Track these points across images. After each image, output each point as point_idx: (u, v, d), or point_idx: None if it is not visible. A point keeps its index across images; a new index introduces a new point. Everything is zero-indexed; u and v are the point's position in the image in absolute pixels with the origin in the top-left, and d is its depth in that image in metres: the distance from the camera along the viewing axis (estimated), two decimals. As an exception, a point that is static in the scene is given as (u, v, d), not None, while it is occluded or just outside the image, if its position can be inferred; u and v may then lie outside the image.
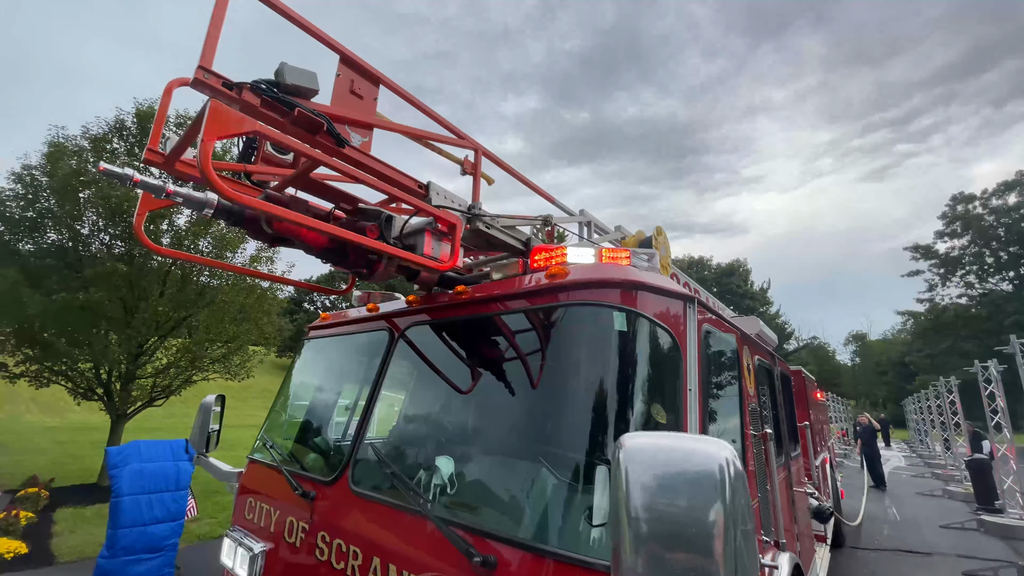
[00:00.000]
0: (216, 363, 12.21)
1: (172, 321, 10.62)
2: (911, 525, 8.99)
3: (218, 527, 7.19)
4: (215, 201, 1.77)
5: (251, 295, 13.68)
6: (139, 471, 4.96)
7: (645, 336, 1.82)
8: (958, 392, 14.32)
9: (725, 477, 0.95)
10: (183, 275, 11.02)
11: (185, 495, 5.28)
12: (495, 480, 1.84)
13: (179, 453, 5.36)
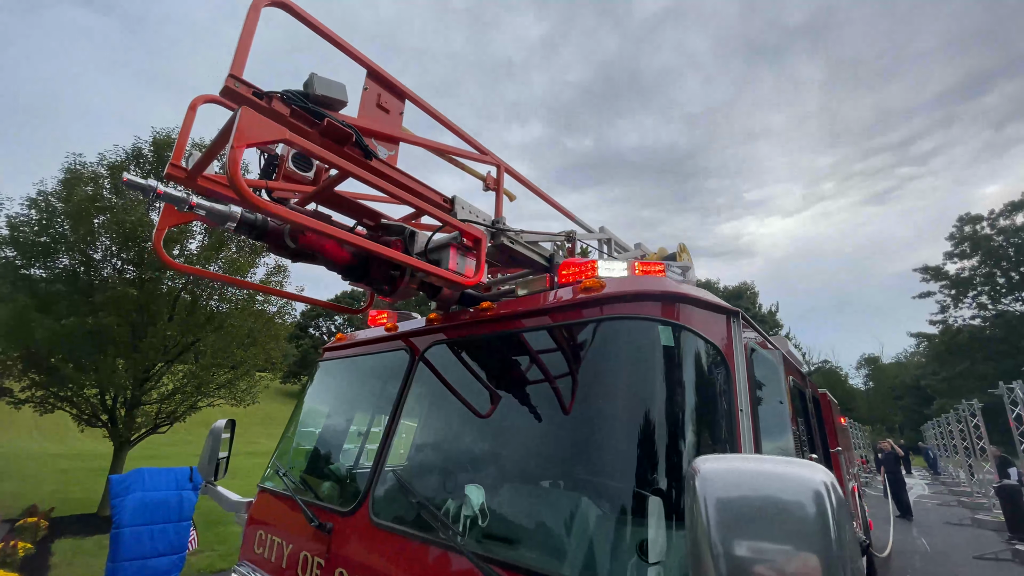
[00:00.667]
0: (222, 388, 12.09)
1: (180, 346, 10.57)
2: (942, 556, 8.53)
3: (219, 560, 6.93)
4: (238, 214, 1.72)
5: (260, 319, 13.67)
6: (142, 501, 4.81)
7: (692, 352, 1.69)
8: (981, 415, 13.86)
9: (827, 506, 0.81)
10: (193, 299, 11.03)
11: (188, 526, 5.10)
12: (532, 512, 1.69)
13: (183, 482, 5.20)
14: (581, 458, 1.69)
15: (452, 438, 2.20)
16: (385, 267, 2.11)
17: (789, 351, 3.65)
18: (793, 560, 0.80)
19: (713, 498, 0.89)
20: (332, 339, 3.14)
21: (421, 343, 2.40)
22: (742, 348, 1.89)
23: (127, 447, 10.08)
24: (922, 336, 42.59)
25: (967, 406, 14.75)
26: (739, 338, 1.89)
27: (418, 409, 2.32)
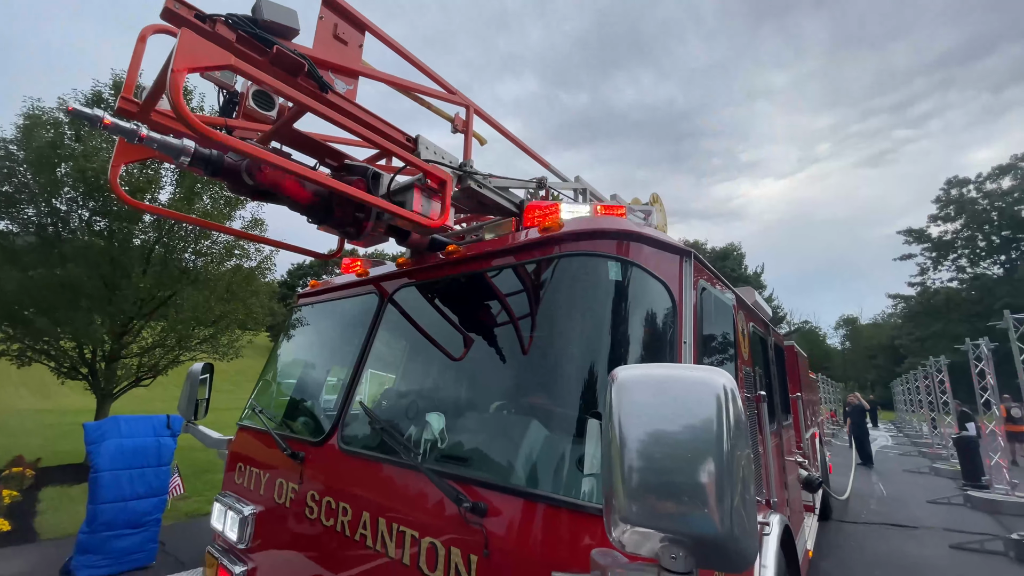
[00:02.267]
0: (204, 343, 12.11)
1: (156, 300, 10.47)
2: (898, 501, 9.24)
3: (206, 505, 7.20)
4: (192, 148, 1.69)
5: (237, 273, 13.51)
6: (119, 447, 4.93)
7: (640, 287, 1.80)
8: (947, 372, 14.60)
9: (724, 403, 0.90)
10: (166, 251, 10.82)
11: (167, 471, 5.26)
12: (486, 433, 1.83)
13: (160, 429, 5.33)
14: (530, 386, 1.84)
15: (417, 373, 2.35)
16: (349, 208, 2.11)
17: (756, 301, 3.82)
18: (691, 449, 0.89)
19: (625, 400, 0.97)
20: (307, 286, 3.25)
21: (390, 286, 2.51)
22: (691, 287, 1.98)
23: (109, 400, 10.17)
24: (899, 297, 44.02)
25: (934, 363, 15.49)
26: (689, 277, 1.99)
27: (386, 348, 2.42)
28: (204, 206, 11.01)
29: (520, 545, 1.38)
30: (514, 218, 2.53)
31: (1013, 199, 35.72)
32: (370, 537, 1.79)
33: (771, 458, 2.90)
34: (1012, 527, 6.78)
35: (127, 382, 10.41)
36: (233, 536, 2.46)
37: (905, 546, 6.34)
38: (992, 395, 8.81)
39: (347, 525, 1.90)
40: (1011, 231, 35.96)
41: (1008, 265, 36.73)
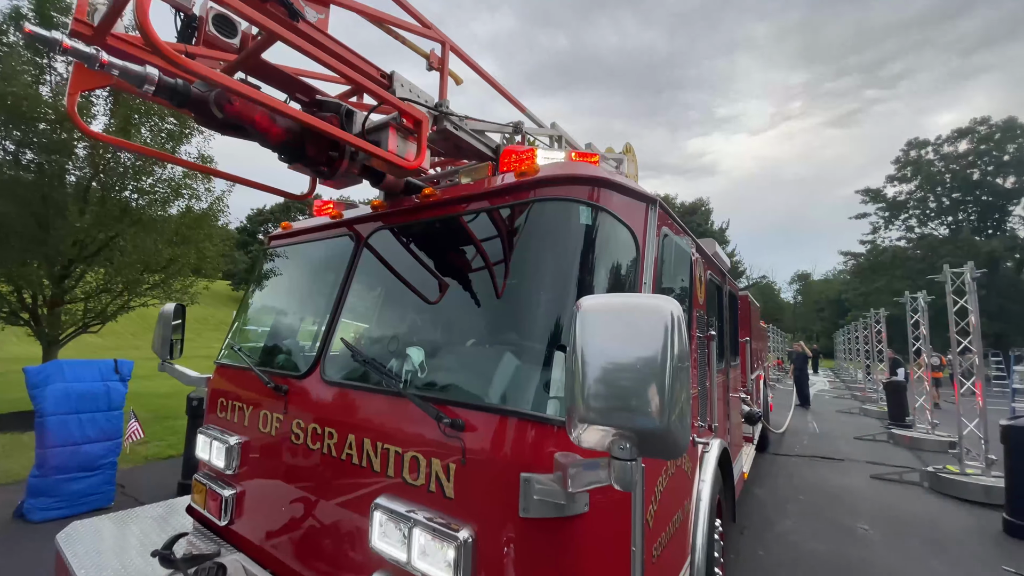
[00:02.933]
0: (154, 288, 11.64)
1: (97, 242, 9.88)
2: (829, 437, 10.39)
3: (168, 449, 7.29)
4: (156, 76, 1.63)
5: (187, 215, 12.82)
6: (64, 391, 4.90)
7: (608, 232, 1.95)
8: (885, 323, 15.99)
9: (671, 326, 1.09)
10: (103, 188, 10.09)
11: (119, 415, 5.28)
12: (463, 364, 2.02)
13: (108, 373, 5.29)
14: (503, 322, 2.01)
15: (395, 313, 2.46)
16: (323, 147, 2.08)
17: (715, 252, 4.15)
18: (639, 364, 1.09)
19: (588, 323, 1.15)
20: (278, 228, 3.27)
21: (365, 229, 2.56)
22: (655, 232, 2.17)
23: (56, 347, 9.79)
24: (850, 255, 46.57)
25: (874, 315, 16.87)
26: (653, 224, 2.17)
27: (363, 288, 2.52)
28: (143, 139, 10.22)
29: (494, 452, 1.59)
30: (490, 163, 2.55)
31: (967, 162, 37.55)
32: (356, 456, 1.98)
33: (716, 391, 3.24)
34: (929, 461, 7.80)
35: (73, 328, 9.98)
36: (220, 464, 2.63)
37: (831, 476, 7.24)
38: (923, 345, 9.79)
39: (333, 447, 2.07)
40: (961, 193, 38.09)
41: (954, 227, 39.22)
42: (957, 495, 6.26)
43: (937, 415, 10.00)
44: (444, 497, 1.65)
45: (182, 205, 12.45)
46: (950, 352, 7.62)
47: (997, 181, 36.35)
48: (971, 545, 4.71)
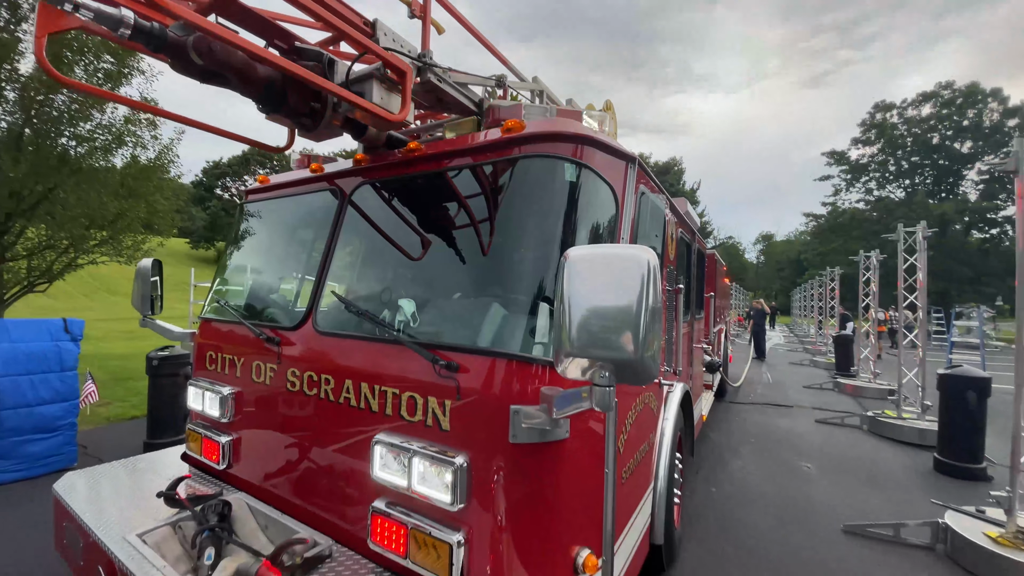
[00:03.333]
0: (103, 245, 11.05)
1: (35, 194, 9.21)
2: (780, 386, 11.25)
3: (131, 410, 7.22)
4: (131, 19, 1.56)
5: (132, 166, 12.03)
6: (11, 352, 4.79)
7: (590, 189, 2.06)
8: (839, 281, 17.01)
9: (647, 272, 1.27)
10: (37, 135, 9.31)
11: (74, 376, 5.21)
12: (452, 313, 2.16)
13: (57, 333, 5.17)
14: (491, 273, 2.14)
15: (382, 266, 2.54)
16: (305, 97, 2.05)
17: (687, 211, 4.38)
18: (619, 304, 1.27)
19: (575, 269, 1.32)
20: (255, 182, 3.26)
21: (349, 183, 2.59)
22: (633, 189, 2.32)
23: (1, 307, 9.28)
24: (812, 216, 48.42)
25: (830, 273, 17.89)
26: (632, 182, 2.31)
27: (350, 243, 2.58)
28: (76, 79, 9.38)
29: (486, 389, 1.76)
30: (475, 118, 2.59)
31: (928, 126, 38.97)
32: (354, 399, 2.13)
33: (681, 340, 3.53)
34: (869, 407, 8.58)
35: (18, 288, 9.45)
36: (215, 413, 2.76)
37: (780, 421, 7.92)
38: (872, 301, 10.53)
39: (330, 392, 2.21)
40: (919, 157, 39.76)
41: (910, 190, 41.13)
42: (893, 437, 6.98)
43: (879, 365, 10.94)
44: (440, 430, 1.84)
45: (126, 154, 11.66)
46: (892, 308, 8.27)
47: (955, 146, 38.02)
48: (904, 481, 5.33)
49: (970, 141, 37.24)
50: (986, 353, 15.35)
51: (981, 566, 3.39)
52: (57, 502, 2.53)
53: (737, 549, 3.73)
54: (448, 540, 1.71)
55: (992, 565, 3.32)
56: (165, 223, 14.27)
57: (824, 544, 3.84)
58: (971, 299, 30.95)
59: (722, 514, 4.32)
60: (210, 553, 2.07)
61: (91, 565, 2.20)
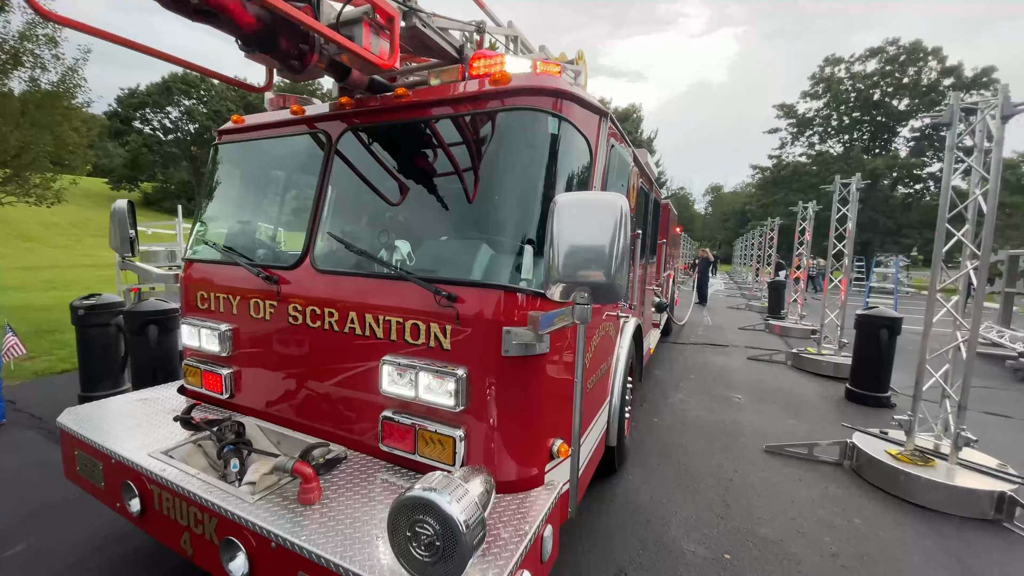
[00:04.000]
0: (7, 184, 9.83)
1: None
2: (718, 328, 12.16)
3: (60, 363, 6.85)
4: None
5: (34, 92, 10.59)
6: None
7: (568, 140, 2.28)
8: (778, 231, 18.03)
9: (620, 215, 1.61)
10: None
11: None
12: (445, 252, 2.42)
13: None
14: (480, 217, 2.37)
15: (375, 210, 2.69)
16: (295, 39, 2.04)
17: (647, 162, 4.71)
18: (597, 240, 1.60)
19: (563, 212, 1.65)
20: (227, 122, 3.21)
21: (335, 127, 2.65)
22: (605, 142, 2.59)
23: None
24: (758, 168, 50.17)
25: (770, 223, 18.91)
26: (604, 134, 2.57)
27: (339, 185, 2.67)
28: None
29: (481, 314, 2.06)
30: (459, 66, 2.67)
31: (871, 83, 40.34)
32: (359, 328, 2.36)
33: (636, 281, 3.97)
34: (794, 345, 9.56)
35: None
36: (215, 348, 2.91)
37: (716, 358, 8.62)
38: (805, 249, 11.29)
39: (335, 324, 2.43)
40: (860, 113, 41.44)
41: (847, 145, 43.19)
42: (813, 371, 7.84)
43: (805, 308, 11.94)
44: (442, 350, 2.15)
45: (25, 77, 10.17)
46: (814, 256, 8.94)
47: (893, 103, 39.87)
48: (819, 408, 6.07)
49: (907, 99, 39.09)
50: (899, 297, 17.04)
51: (880, 478, 3.98)
52: (66, 434, 2.63)
53: (675, 469, 4.17)
54: (452, 435, 2.08)
55: (890, 477, 3.92)
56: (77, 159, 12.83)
57: (748, 462, 4.34)
58: (891, 249, 33.91)
59: (663, 440, 4.75)
60: (235, 463, 2.25)
61: (114, 485, 2.36)
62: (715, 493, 3.77)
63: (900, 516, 3.53)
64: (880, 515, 3.54)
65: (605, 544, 3.05)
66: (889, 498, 3.77)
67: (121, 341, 5.28)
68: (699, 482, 3.95)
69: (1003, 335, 9.67)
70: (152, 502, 2.18)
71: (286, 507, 1.91)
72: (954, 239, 4.01)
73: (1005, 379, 7.96)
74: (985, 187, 3.73)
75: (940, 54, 37.39)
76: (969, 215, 3.90)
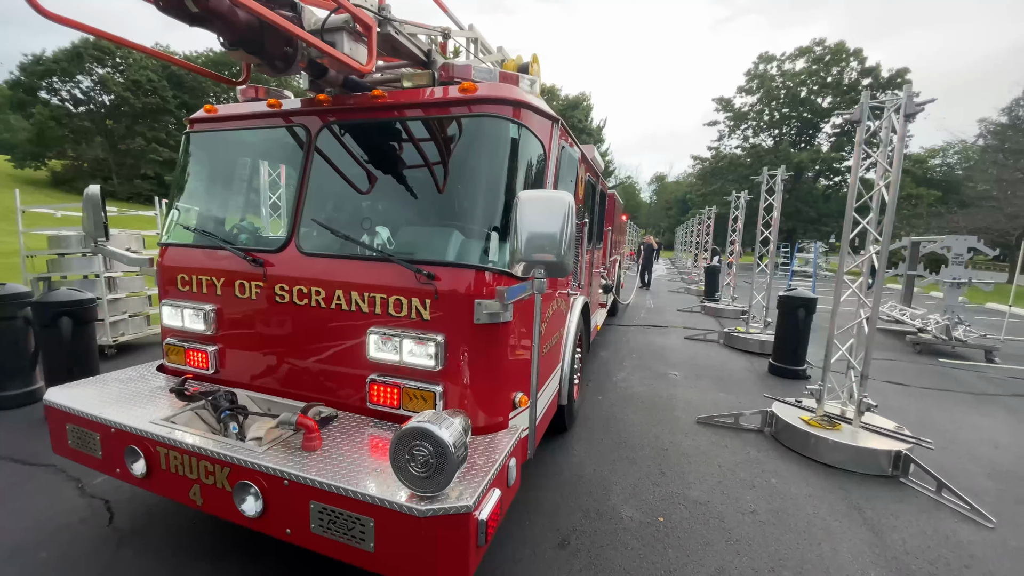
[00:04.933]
0: None
1: None
2: (659, 310, 12.77)
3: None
4: None
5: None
6: None
7: (526, 143, 2.65)
8: (715, 219, 19.03)
9: (568, 208, 2.02)
10: None
11: None
12: (422, 238, 2.73)
13: None
14: (453, 207, 2.72)
15: (354, 200, 2.93)
16: (280, 43, 2.25)
17: (594, 157, 5.19)
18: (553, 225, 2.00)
19: (524, 206, 2.03)
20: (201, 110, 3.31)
21: (314, 121, 2.86)
22: (557, 144, 2.97)
23: None
24: (698, 159, 52.39)
25: (708, 212, 19.92)
26: (556, 138, 2.94)
27: (319, 176, 2.86)
28: None
29: (455, 288, 2.41)
30: (431, 72, 2.96)
31: (799, 80, 42.84)
32: (344, 304, 2.61)
33: (584, 264, 4.40)
34: (726, 325, 10.21)
35: None
36: (199, 327, 3.05)
37: (657, 339, 9.07)
38: (737, 236, 12.01)
39: (322, 300, 2.66)
40: (788, 109, 44.00)
41: (777, 139, 45.89)
42: (741, 348, 8.43)
43: (736, 291, 12.75)
44: (422, 320, 2.47)
45: None
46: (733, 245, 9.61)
47: (818, 100, 42.61)
48: (745, 382, 6.56)
49: (830, 97, 41.93)
50: (818, 281, 18.54)
51: (794, 442, 4.39)
52: (54, 410, 2.71)
53: (616, 442, 4.41)
54: (433, 390, 2.44)
55: (803, 441, 4.33)
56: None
57: (682, 433, 4.65)
58: (813, 236, 36.69)
59: (606, 416, 4.99)
60: (234, 425, 2.48)
61: (115, 452, 2.49)
62: (652, 462, 4.03)
63: (811, 475, 3.92)
64: (794, 475, 3.92)
65: (551, 516, 3.20)
66: (802, 459, 4.18)
67: (30, 335, 4.81)
68: (638, 452, 4.19)
69: (904, 313, 10.82)
70: (158, 463, 2.36)
71: (292, 454, 2.18)
72: (859, 227, 4.43)
73: (905, 352, 8.94)
74: (887, 179, 4.13)
75: (860, 55, 40.35)
76: (873, 205, 4.31)
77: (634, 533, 3.06)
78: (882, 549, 3.01)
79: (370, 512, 1.88)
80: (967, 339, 8.64)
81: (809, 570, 2.78)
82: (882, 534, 3.16)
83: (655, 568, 2.74)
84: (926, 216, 29.41)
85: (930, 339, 8.95)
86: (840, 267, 4.57)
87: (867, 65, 39.85)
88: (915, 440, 4.14)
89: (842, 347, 4.67)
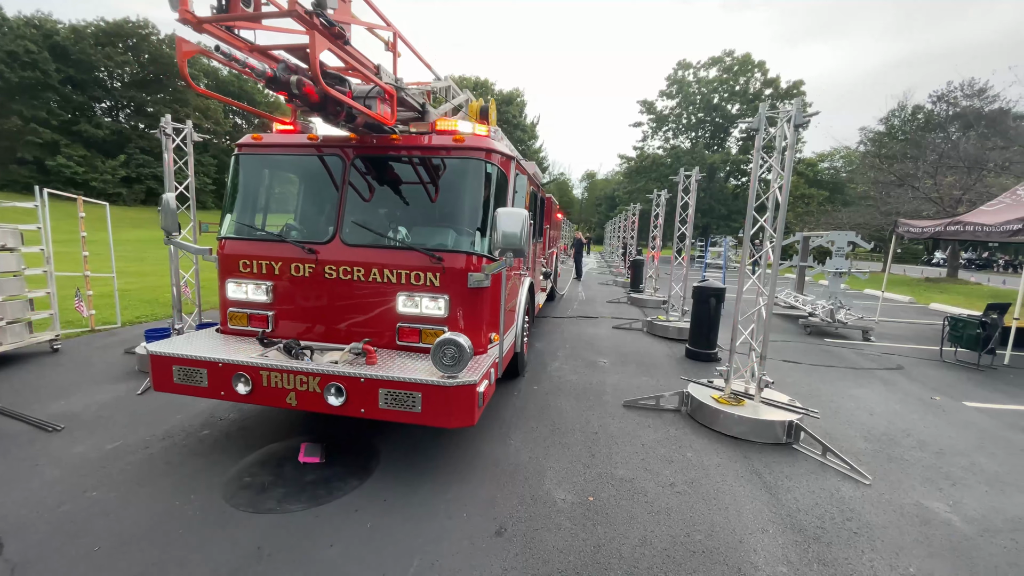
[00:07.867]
0: None
1: None
2: (590, 301, 13.27)
3: None
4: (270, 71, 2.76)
5: None
6: None
7: (495, 176, 4.09)
8: (639, 216, 20.05)
9: (525, 218, 3.32)
10: None
11: None
12: (431, 235, 4.03)
13: None
14: (448, 215, 4.10)
15: (379, 210, 4.15)
16: (336, 105, 3.31)
17: (535, 172, 6.61)
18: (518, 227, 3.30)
19: (501, 216, 3.31)
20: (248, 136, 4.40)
21: (349, 152, 4.09)
22: (513, 174, 4.52)
23: None
24: (625, 158, 54.69)
25: (633, 208, 20.94)
26: (514, 170, 4.51)
27: (353, 191, 4.09)
28: None
29: (455, 265, 3.77)
30: (430, 123, 4.28)
31: (712, 88, 45.93)
32: (379, 278, 3.83)
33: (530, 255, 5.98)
34: (649, 314, 10.78)
35: None
36: (261, 297, 4.05)
37: (587, 329, 9.44)
38: (658, 232, 12.74)
39: (361, 275, 3.85)
40: (704, 114, 46.97)
41: (694, 141, 48.92)
42: (662, 335, 8.98)
43: (658, 283, 13.57)
44: (434, 286, 3.78)
45: None
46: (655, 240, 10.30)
47: (728, 107, 45.96)
48: (665, 366, 7.00)
49: (738, 104, 45.40)
50: (728, 272, 20.13)
51: (706, 418, 4.78)
52: (158, 357, 3.50)
53: (550, 429, 4.58)
54: (442, 330, 3.77)
55: (713, 417, 4.72)
56: None
57: (610, 416, 4.91)
58: (724, 231, 39.74)
59: (541, 404, 5.16)
60: (308, 357, 3.54)
61: (222, 380, 3.38)
62: (582, 446, 4.21)
63: (720, 446, 4.31)
64: (706, 447, 4.28)
65: (488, 507, 3.24)
66: (713, 434, 4.58)
67: None
68: (569, 438, 4.36)
69: (797, 299, 12.09)
70: (260, 382, 3.30)
71: (359, 366, 3.34)
72: (758, 224, 4.90)
73: (799, 334, 9.97)
74: (781, 181, 4.60)
75: (764, 67, 44.06)
76: (770, 204, 4.79)
77: (567, 514, 3.19)
78: (778, 508, 3.38)
79: (419, 389, 3.09)
80: (848, 321, 9.84)
81: (718, 532, 3.07)
82: (778, 495, 3.55)
83: (585, 545, 2.89)
84: (816, 214, 32.74)
85: (818, 322, 10.07)
86: (743, 260, 5.02)
87: (768, 76, 43.59)
88: (804, 411, 4.67)
89: (745, 331, 5.14)
